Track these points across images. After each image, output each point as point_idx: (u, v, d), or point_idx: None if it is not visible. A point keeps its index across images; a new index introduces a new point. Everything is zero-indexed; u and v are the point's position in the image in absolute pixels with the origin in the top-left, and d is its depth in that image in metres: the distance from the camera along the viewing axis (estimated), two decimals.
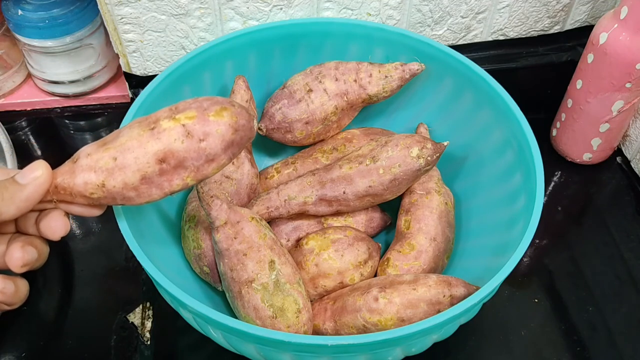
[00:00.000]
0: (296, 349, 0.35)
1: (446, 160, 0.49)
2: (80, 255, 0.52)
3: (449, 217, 0.47)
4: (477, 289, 0.39)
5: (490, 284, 0.36)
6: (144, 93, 0.44)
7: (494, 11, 0.59)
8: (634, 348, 0.46)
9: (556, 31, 0.63)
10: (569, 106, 0.56)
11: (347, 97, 0.49)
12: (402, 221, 0.47)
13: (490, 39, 0.62)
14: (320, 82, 0.49)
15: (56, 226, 0.35)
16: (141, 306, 0.48)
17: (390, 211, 0.50)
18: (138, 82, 0.60)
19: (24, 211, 0.34)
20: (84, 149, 0.35)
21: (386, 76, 0.49)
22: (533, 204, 0.40)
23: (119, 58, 0.58)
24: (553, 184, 0.58)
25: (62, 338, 0.46)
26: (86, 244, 0.52)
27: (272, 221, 0.48)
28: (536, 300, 0.49)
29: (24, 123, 0.62)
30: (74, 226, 0.54)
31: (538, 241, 0.53)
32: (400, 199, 0.48)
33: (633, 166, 0.58)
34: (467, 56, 0.49)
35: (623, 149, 0.59)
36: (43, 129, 0.62)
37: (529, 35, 0.63)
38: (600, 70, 0.51)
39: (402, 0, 0.56)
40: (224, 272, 0.41)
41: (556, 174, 0.59)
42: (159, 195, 0.35)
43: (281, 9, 0.55)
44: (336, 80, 0.49)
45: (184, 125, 0.33)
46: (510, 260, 0.37)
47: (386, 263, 0.45)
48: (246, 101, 0.48)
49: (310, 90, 0.49)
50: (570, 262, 0.52)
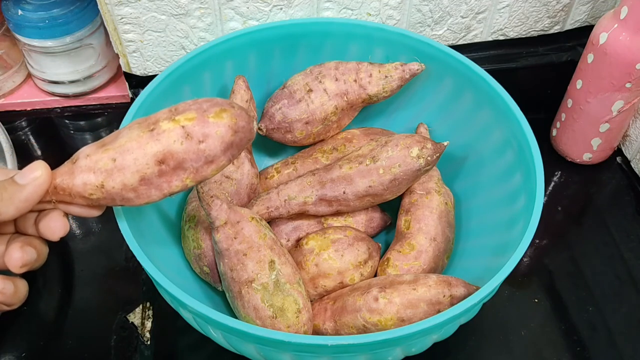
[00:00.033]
0: (296, 349, 0.35)
1: (446, 160, 0.49)
2: (80, 255, 0.52)
3: (449, 217, 0.47)
4: (477, 289, 0.39)
5: (490, 284, 0.36)
6: (144, 93, 0.44)
7: (494, 11, 0.59)
8: (634, 348, 0.46)
9: (556, 31, 0.63)
10: (569, 106, 0.56)
11: (347, 97, 0.49)
12: (402, 221, 0.47)
13: (490, 39, 0.62)
14: (320, 82, 0.49)
15: (55, 227, 0.35)
16: (141, 306, 0.48)
17: (390, 211, 0.50)
18: (138, 82, 0.60)
19: (23, 211, 0.34)
20: (83, 150, 0.35)
21: (386, 76, 0.49)
22: (533, 204, 0.40)
23: (119, 58, 0.58)
24: (553, 184, 0.58)
25: (62, 338, 0.46)
26: (86, 244, 0.52)
27: (272, 221, 0.48)
28: (536, 300, 0.49)
29: (24, 123, 0.62)
30: (74, 226, 0.54)
31: (538, 241, 0.53)
32: (400, 199, 0.48)
33: (633, 166, 0.58)
34: (467, 56, 0.49)
35: (623, 149, 0.59)
36: (43, 129, 0.62)
37: (529, 35, 0.63)
38: (600, 70, 0.51)
39: (402, 0, 0.56)
40: (224, 272, 0.41)
41: (556, 174, 0.59)
42: (158, 197, 0.35)
43: (281, 9, 0.55)
44: (336, 80, 0.49)
45: (183, 127, 0.33)
46: (510, 260, 0.37)
47: (386, 263, 0.45)
48: (246, 101, 0.48)
49: (310, 90, 0.49)
50: (570, 262, 0.52)
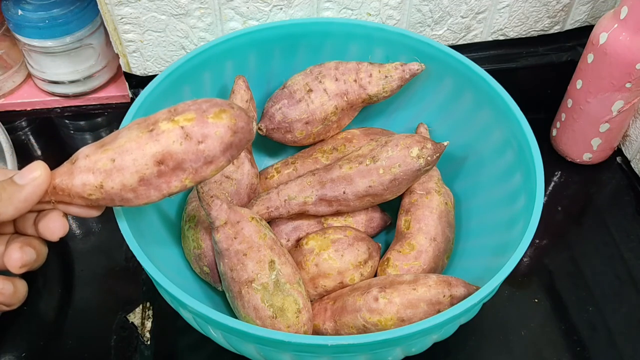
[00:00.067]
0: (296, 349, 0.35)
1: (446, 160, 0.49)
2: (80, 255, 0.52)
3: (449, 217, 0.47)
4: (477, 289, 0.39)
5: (490, 284, 0.36)
6: (143, 93, 0.44)
7: (494, 11, 0.59)
8: (634, 348, 0.46)
9: (556, 31, 0.63)
10: (569, 106, 0.56)
11: (347, 97, 0.49)
12: (402, 221, 0.47)
13: (490, 39, 0.62)
14: (320, 82, 0.49)
15: (55, 227, 0.35)
16: (141, 306, 0.48)
17: (390, 211, 0.50)
18: (138, 82, 0.60)
19: (22, 212, 0.34)
20: (83, 150, 0.35)
21: (386, 76, 0.49)
22: (533, 204, 0.40)
23: (119, 58, 0.58)
24: (553, 184, 0.58)
25: (62, 338, 0.46)
26: (86, 244, 0.52)
27: (272, 221, 0.48)
28: (536, 300, 0.49)
29: (24, 123, 0.62)
30: (74, 226, 0.54)
31: (538, 241, 0.53)
32: (400, 199, 0.48)
33: (633, 166, 0.58)
34: (467, 56, 0.49)
35: (623, 149, 0.59)
36: (43, 129, 0.62)
37: (529, 35, 0.63)
38: (600, 70, 0.51)
39: (402, 0, 0.56)
40: (224, 272, 0.41)
41: (556, 174, 0.59)
42: (157, 197, 0.35)
43: (281, 9, 0.55)
44: (336, 80, 0.49)
45: (182, 127, 0.33)
46: (510, 260, 0.37)
47: (386, 263, 0.45)
48: (246, 101, 0.48)
49: (310, 90, 0.49)
50: (570, 262, 0.52)
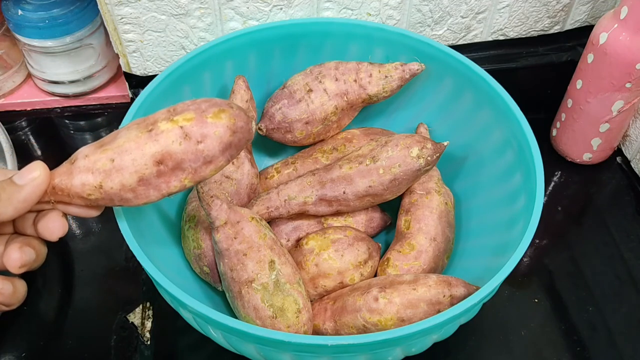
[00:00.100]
0: (296, 349, 0.35)
1: (446, 160, 0.49)
2: (80, 255, 0.52)
3: (449, 217, 0.47)
4: (477, 289, 0.39)
5: (490, 284, 0.36)
6: (143, 93, 0.44)
7: (494, 11, 0.59)
8: (634, 348, 0.46)
9: (556, 31, 0.63)
10: (569, 106, 0.56)
11: (347, 97, 0.49)
12: (402, 221, 0.47)
13: (490, 39, 0.62)
14: (320, 82, 0.49)
15: (54, 227, 0.35)
16: (141, 306, 0.48)
17: (390, 211, 0.50)
18: (138, 82, 0.60)
19: (21, 212, 0.34)
20: (82, 150, 0.35)
21: (386, 76, 0.49)
22: (533, 204, 0.40)
23: (119, 58, 0.58)
24: (553, 184, 0.58)
25: (62, 338, 0.46)
26: (86, 244, 0.52)
27: (272, 221, 0.48)
28: (536, 300, 0.49)
29: (24, 123, 0.62)
30: (74, 226, 0.54)
31: (538, 241, 0.53)
32: (400, 199, 0.48)
33: (633, 166, 0.58)
34: (467, 56, 0.49)
35: (623, 149, 0.59)
36: (43, 129, 0.62)
37: (529, 35, 0.63)
38: (600, 70, 0.51)
39: (402, 0, 0.56)
40: (224, 272, 0.41)
41: (556, 174, 0.59)
42: (156, 197, 0.35)
43: (281, 9, 0.55)
44: (336, 80, 0.49)
45: (181, 127, 0.33)
46: (510, 260, 0.37)
47: (386, 263, 0.45)
48: (246, 101, 0.48)
49: (310, 90, 0.49)
50: (570, 262, 0.52)
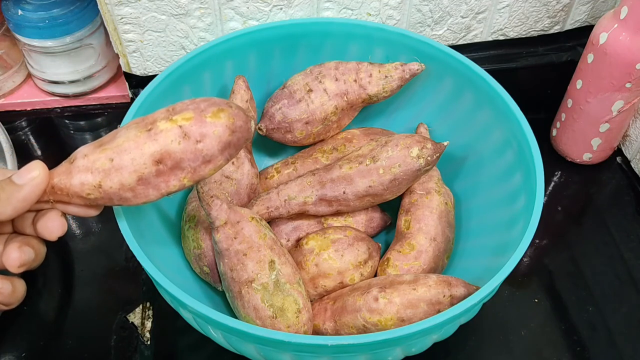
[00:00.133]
0: (296, 349, 0.35)
1: (446, 160, 0.49)
2: (80, 255, 0.52)
3: (449, 217, 0.47)
4: (477, 289, 0.39)
5: (490, 284, 0.36)
6: (144, 93, 0.44)
7: (494, 11, 0.59)
8: (634, 348, 0.46)
9: (556, 31, 0.63)
10: (569, 106, 0.56)
11: (347, 97, 0.49)
12: (402, 221, 0.47)
13: (490, 39, 0.62)
14: (320, 82, 0.49)
15: (53, 226, 0.35)
16: (141, 306, 0.48)
17: (390, 211, 0.50)
18: (138, 82, 0.60)
19: (20, 212, 0.34)
20: (81, 150, 0.35)
21: (386, 76, 0.49)
22: (533, 204, 0.40)
23: (119, 58, 0.58)
24: (553, 184, 0.58)
25: (62, 338, 0.46)
26: (86, 244, 0.52)
27: (272, 221, 0.48)
28: (536, 300, 0.49)
29: (24, 123, 0.62)
30: (74, 226, 0.54)
31: (538, 241, 0.53)
32: (400, 199, 0.48)
33: (633, 166, 0.58)
34: (467, 56, 0.49)
35: (623, 149, 0.59)
36: (43, 129, 0.62)
37: (529, 35, 0.63)
38: (600, 70, 0.51)
39: (402, 0, 0.56)
40: (224, 272, 0.41)
41: (556, 174, 0.59)
42: (155, 196, 0.35)
43: (281, 9, 0.55)
44: (336, 80, 0.49)
45: (180, 127, 0.33)
46: (510, 260, 0.37)
47: (386, 263, 0.45)
48: (246, 101, 0.48)
49: (310, 90, 0.49)
50: (570, 262, 0.52)
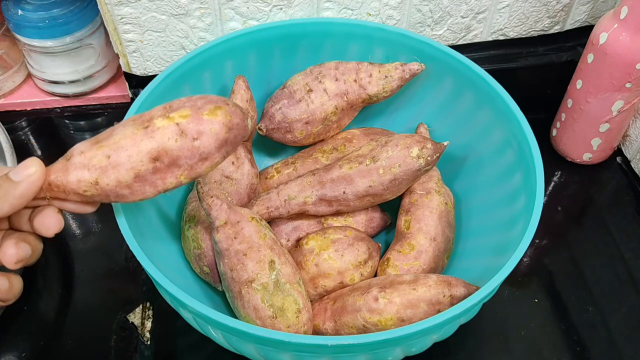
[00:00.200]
0: (296, 349, 0.35)
1: (446, 160, 0.49)
2: (80, 255, 0.52)
3: (449, 217, 0.47)
4: (477, 289, 0.39)
5: (490, 284, 0.36)
6: (144, 93, 0.45)
7: (494, 11, 0.59)
8: (634, 348, 0.46)
9: (556, 31, 0.63)
10: (569, 106, 0.56)
11: (347, 97, 0.49)
12: (402, 221, 0.47)
13: (490, 39, 0.62)
14: (320, 82, 0.49)
15: (50, 223, 0.35)
16: (141, 306, 0.48)
17: (390, 211, 0.50)
18: (138, 82, 0.60)
19: (17, 208, 0.34)
20: (77, 147, 0.35)
21: (386, 76, 0.49)
22: (533, 204, 0.40)
23: (119, 58, 0.58)
24: (553, 184, 0.58)
25: (62, 338, 0.46)
26: (86, 243, 0.52)
27: (272, 221, 0.48)
28: (536, 300, 0.49)
29: (24, 123, 0.62)
30: (74, 226, 0.54)
31: (538, 241, 0.53)
32: (400, 199, 0.48)
33: (633, 166, 0.58)
34: (467, 56, 0.49)
35: (623, 149, 0.59)
36: (43, 129, 0.62)
37: (529, 35, 0.63)
38: (600, 70, 0.51)
39: (402, 0, 0.56)
40: (224, 272, 0.41)
41: (556, 174, 0.59)
42: (152, 193, 0.35)
43: (281, 9, 0.55)
44: (336, 80, 0.49)
45: (177, 124, 0.33)
46: (510, 260, 0.37)
47: (386, 263, 0.45)
48: (246, 101, 0.48)
49: (310, 90, 0.49)
50: (570, 262, 0.52)
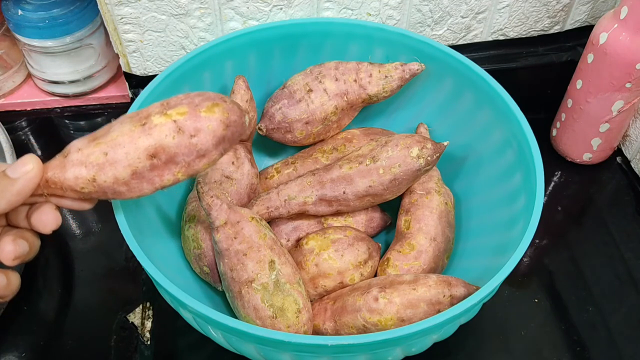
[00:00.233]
0: (296, 349, 0.35)
1: (446, 160, 0.49)
2: (80, 255, 0.52)
3: (449, 217, 0.47)
4: (477, 289, 0.39)
5: (490, 284, 0.36)
6: (144, 93, 0.45)
7: (494, 11, 0.59)
8: (634, 348, 0.46)
9: (556, 31, 0.63)
10: (569, 106, 0.56)
11: (347, 97, 0.49)
12: (402, 221, 0.47)
13: (490, 39, 0.62)
14: (320, 82, 0.49)
15: (47, 220, 0.35)
16: (141, 306, 0.48)
17: (390, 211, 0.50)
18: (138, 82, 0.60)
19: (14, 205, 0.34)
20: (74, 144, 0.35)
21: (386, 76, 0.49)
22: (533, 204, 0.40)
23: (119, 58, 0.58)
24: (553, 184, 0.58)
25: (62, 338, 0.46)
26: (86, 243, 0.52)
27: (272, 221, 0.48)
28: (536, 300, 0.49)
29: (24, 123, 0.62)
30: (74, 226, 0.54)
31: (538, 241, 0.53)
32: (400, 199, 0.48)
33: (633, 166, 0.58)
34: (467, 56, 0.49)
35: (623, 149, 0.59)
36: (43, 129, 0.62)
37: (529, 35, 0.63)
38: (600, 70, 0.51)
39: (402, 0, 0.56)
40: (224, 272, 0.41)
41: (556, 174, 0.59)
42: (150, 190, 0.35)
43: (281, 9, 0.55)
44: (336, 80, 0.49)
45: (175, 121, 0.33)
46: (510, 260, 0.37)
47: (386, 263, 0.45)
48: (246, 101, 0.48)
49: (310, 90, 0.49)
50: (570, 262, 0.52)
